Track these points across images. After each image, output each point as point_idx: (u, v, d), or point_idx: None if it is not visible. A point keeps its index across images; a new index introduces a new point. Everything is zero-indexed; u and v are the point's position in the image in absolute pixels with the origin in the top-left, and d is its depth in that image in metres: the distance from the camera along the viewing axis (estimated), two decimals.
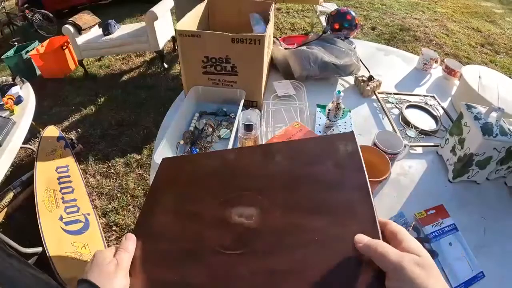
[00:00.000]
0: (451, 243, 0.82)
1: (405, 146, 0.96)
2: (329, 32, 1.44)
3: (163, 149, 0.90)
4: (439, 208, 0.89)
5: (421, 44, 4.07)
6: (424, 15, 5.15)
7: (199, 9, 1.26)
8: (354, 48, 1.42)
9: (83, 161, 2.31)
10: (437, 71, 1.53)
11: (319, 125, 1.01)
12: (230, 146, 0.88)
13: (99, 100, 3.01)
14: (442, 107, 1.24)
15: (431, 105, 1.24)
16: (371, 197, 0.40)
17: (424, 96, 1.30)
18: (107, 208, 1.95)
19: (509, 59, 4.05)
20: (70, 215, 1.84)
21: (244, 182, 0.48)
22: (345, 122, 1.02)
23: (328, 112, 0.97)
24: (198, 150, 0.99)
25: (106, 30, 3.34)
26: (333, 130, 0.99)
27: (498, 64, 3.86)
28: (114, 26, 3.39)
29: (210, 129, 1.04)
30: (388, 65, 1.55)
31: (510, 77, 1.38)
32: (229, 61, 1.06)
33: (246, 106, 1.13)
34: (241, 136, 0.77)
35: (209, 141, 1.02)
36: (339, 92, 0.95)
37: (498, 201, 0.96)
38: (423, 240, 0.83)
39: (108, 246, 1.76)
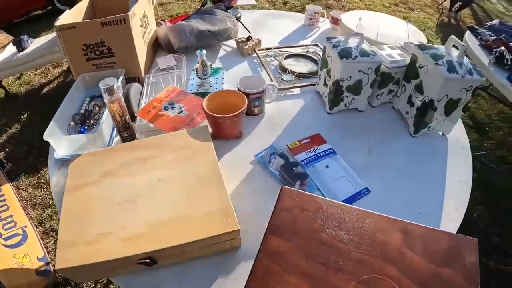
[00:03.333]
0: (328, 166, 0.88)
1: (272, 87, 1.08)
2: (209, 4, 1.54)
3: (52, 129, 0.99)
4: (315, 137, 0.96)
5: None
6: None
7: (83, 3, 1.33)
8: (239, 16, 1.54)
9: (15, 178, 2.28)
10: (325, 24, 1.68)
11: (192, 84, 1.13)
12: (105, 113, 0.96)
13: (22, 117, 2.94)
14: None
15: (312, 52, 1.38)
16: None
17: (307, 45, 1.43)
18: (42, 217, 1.97)
19: (424, 14, 4.36)
20: (8, 230, 1.88)
21: (384, 265, 0.48)
22: (217, 78, 1.14)
23: (196, 71, 1.08)
24: (86, 127, 1.07)
25: (20, 47, 3.22)
26: (204, 86, 1.10)
27: (412, 19, 4.12)
28: (27, 41, 3.29)
29: (97, 108, 1.12)
30: (275, 27, 1.67)
31: (407, 22, 1.56)
32: (104, 44, 1.14)
33: (129, 83, 1.21)
34: (106, 102, 0.86)
35: (96, 118, 1.10)
36: (201, 50, 1.06)
37: (384, 125, 1.03)
38: (292, 165, 0.88)
39: (48, 252, 1.78)
